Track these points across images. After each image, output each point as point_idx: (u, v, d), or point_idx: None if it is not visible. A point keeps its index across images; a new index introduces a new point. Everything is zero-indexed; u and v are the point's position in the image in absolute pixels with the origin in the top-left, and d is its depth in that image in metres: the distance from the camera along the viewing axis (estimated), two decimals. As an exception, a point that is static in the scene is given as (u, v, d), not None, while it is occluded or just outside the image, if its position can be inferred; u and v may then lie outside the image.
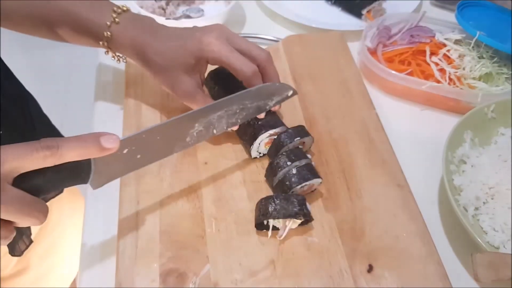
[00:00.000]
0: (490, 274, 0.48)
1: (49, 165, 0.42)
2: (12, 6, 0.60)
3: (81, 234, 0.57)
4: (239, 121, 0.58)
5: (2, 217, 0.40)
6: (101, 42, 0.61)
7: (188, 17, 0.83)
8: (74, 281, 0.89)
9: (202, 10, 0.87)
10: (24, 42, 0.68)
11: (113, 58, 0.64)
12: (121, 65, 0.67)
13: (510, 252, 0.53)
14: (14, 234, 0.43)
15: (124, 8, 0.60)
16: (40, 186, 0.43)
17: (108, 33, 0.59)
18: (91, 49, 0.68)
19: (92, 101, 0.74)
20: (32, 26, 0.63)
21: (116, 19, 0.59)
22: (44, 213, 0.43)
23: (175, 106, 0.67)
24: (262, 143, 0.60)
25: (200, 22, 0.82)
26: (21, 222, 0.42)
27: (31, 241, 0.47)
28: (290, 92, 0.62)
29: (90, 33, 0.60)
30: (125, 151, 0.47)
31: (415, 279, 0.51)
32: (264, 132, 0.59)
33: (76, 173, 0.45)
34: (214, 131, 0.57)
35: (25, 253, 0.47)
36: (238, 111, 0.57)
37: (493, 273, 0.48)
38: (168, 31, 0.60)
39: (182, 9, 0.88)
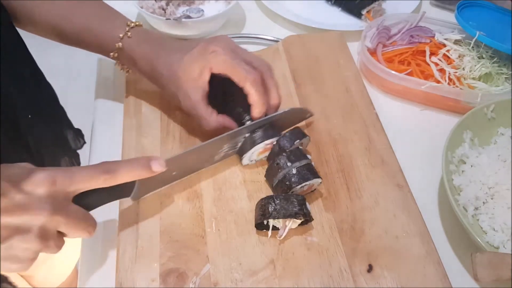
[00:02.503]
0: (490, 274, 0.48)
1: (107, 186, 0.47)
2: (32, 14, 0.63)
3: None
4: (259, 141, 0.59)
5: (62, 230, 0.45)
6: (111, 54, 0.63)
7: (188, 17, 0.83)
8: (76, 267, 0.90)
9: (202, 10, 0.87)
10: (25, 39, 0.68)
11: (121, 70, 0.67)
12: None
13: (510, 252, 0.53)
14: (64, 244, 0.48)
15: (137, 23, 0.63)
16: (92, 202, 0.49)
17: (120, 44, 0.62)
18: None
19: (93, 98, 0.74)
20: (50, 34, 0.66)
21: (128, 33, 0.62)
22: (94, 227, 0.48)
23: (175, 103, 0.67)
24: (256, 152, 0.60)
25: (200, 22, 0.82)
26: (74, 236, 0.47)
27: None
28: (308, 115, 0.66)
29: (103, 44, 0.63)
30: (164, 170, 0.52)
31: (415, 279, 0.51)
32: (260, 143, 0.59)
33: (122, 190, 0.50)
34: (236, 151, 0.61)
35: None
36: (260, 132, 0.59)
37: (493, 273, 0.48)
38: (175, 44, 0.62)
39: (182, 9, 0.88)
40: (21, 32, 0.66)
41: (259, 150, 0.60)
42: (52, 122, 0.74)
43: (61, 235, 0.47)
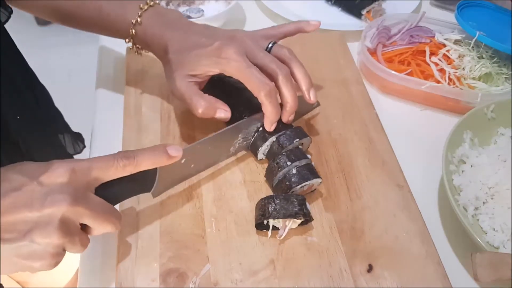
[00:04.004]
0: (490, 274, 0.48)
1: (127, 174, 0.46)
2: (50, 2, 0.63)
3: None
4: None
5: (86, 222, 0.44)
6: (126, 40, 0.63)
7: (188, 17, 0.83)
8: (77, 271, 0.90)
9: (202, 10, 0.87)
10: (25, 39, 0.68)
11: (136, 53, 0.65)
12: (122, 53, 0.67)
13: (510, 252, 0.53)
14: (89, 242, 0.47)
15: (151, 3, 0.61)
16: (115, 195, 0.48)
17: (133, 31, 0.61)
18: (92, 40, 0.68)
19: (93, 89, 0.74)
20: (62, 19, 0.65)
21: (140, 18, 0.60)
22: (119, 220, 0.47)
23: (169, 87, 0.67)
24: (269, 145, 0.60)
25: (200, 22, 0.82)
26: (100, 229, 0.46)
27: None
28: (315, 105, 0.67)
29: (117, 31, 0.63)
30: (183, 161, 0.52)
31: (415, 279, 0.51)
32: (272, 136, 0.59)
33: (144, 182, 0.50)
34: (249, 143, 0.61)
35: None
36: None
37: (493, 273, 0.48)
38: (192, 30, 0.60)
39: (182, 9, 0.88)
40: (18, 33, 0.66)
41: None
42: (44, 125, 0.74)
43: (85, 231, 0.45)
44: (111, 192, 0.47)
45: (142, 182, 0.50)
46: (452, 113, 0.73)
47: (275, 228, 0.54)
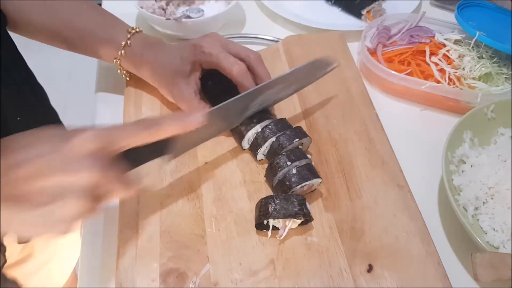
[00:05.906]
0: (490, 274, 0.48)
1: (151, 141, 0.45)
2: (32, 21, 0.65)
3: (81, 234, 0.57)
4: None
5: (105, 192, 0.42)
6: (114, 60, 0.66)
7: (188, 17, 0.83)
8: (74, 270, 0.90)
9: (202, 10, 0.87)
10: (26, 40, 0.69)
11: (124, 76, 0.70)
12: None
13: (510, 252, 0.53)
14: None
15: (137, 29, 0.66)
16: (133, 162, 0.47)
17: (122, 52, 0.65)
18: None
19: (94, 89, 0.75)
20: (51, 39, 0.68)
21: (129, 41, 0.65)
22: (135, 187, 0.45)
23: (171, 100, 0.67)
24: (269, 146, 0.60)
25: (200, 22, 0.82)
26: (115, 197, 0.44)
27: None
28: (335, 65, 0.67)
29: (105, 51, 0.66)
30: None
31: (415, 279, 0.51)
32: (272, 137, 0.59)
33: (162, 146, 0.49)
34: (269, 103, 0.63)
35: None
36: (292, 84, 0.62)
37: (493, 273, 0.48)
38: (170, 47, 0.66)
39: (182, 9, 0.88)
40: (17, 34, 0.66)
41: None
42: (42, 124, 0.74)
43: (98, 199, 0.43)
44: (130, 158, 0.46)
45: (161, 146, 0.48)
46: (452, 113, 0.73)
47: (275, 228, 0.54)
